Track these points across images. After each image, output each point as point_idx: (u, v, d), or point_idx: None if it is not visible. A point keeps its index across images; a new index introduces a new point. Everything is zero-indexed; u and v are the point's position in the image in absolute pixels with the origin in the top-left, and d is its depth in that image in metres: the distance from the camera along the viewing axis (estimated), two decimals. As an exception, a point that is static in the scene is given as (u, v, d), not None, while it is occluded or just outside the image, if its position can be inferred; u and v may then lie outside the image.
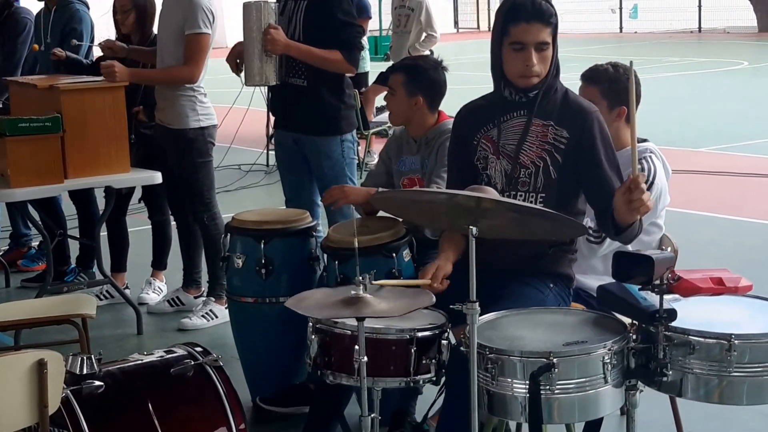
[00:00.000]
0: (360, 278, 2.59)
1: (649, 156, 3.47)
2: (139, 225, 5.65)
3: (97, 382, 2.70)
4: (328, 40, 4.25)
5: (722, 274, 2.59)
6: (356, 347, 2.62)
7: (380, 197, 2.92)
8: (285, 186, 4.63)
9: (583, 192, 3.09)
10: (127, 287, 5.33)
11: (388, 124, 9.04)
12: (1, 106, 5.45)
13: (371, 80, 9.65)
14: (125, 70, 4.69)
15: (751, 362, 2.47)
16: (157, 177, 4.85)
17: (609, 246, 3.33)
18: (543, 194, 3.04)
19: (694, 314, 2.59)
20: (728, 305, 2.72)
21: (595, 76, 3.50)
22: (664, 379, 2.52)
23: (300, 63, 4.31)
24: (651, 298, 2.54)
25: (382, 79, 9.05)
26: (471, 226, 2.49)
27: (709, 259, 5.60)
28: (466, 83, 3.15)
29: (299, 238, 3.83)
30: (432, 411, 3.15)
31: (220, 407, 2.80)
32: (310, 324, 2.82)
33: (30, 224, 5.57)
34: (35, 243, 6.09)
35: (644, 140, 3.56)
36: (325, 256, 3.65)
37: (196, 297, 5.17)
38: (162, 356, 2.94)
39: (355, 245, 2.82)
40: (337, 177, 4.34)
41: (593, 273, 3.42)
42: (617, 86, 3.46)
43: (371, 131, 8.85)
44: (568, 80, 3.03)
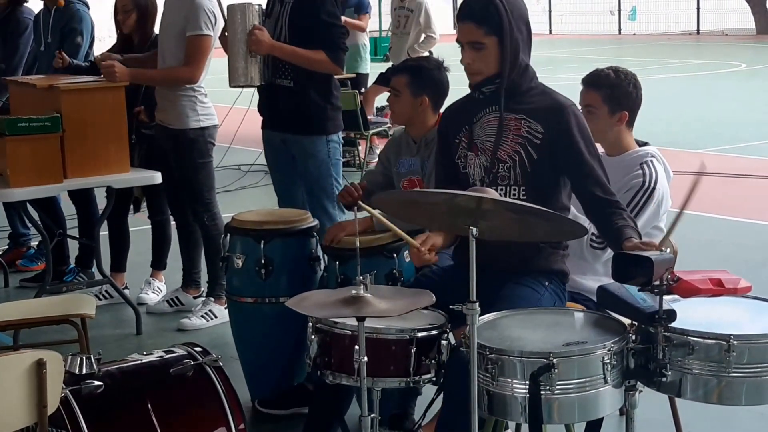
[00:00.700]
0: (361, 278, 2.60)
1: (651, 160, 3.46)
2: (138, 225, 5.65)
3: (97, 382, 2.69)
4: (313, 40, 4.28)
5: (721, 275, 2.59)
6: (356, 347, 2.62)
7: (381, 198, 2.92)
8: (276, 184, 4.66)
9: (569, 183, 3.09)
10: (127, 287, 5.33)
11: (388, 124, 9.05)
12: (1, 106, 5.45)
13: (371, 81, 9.67)
14: (125, 71, 4.69)
15: (750, 363, 2.48)
16: (156, 177, 4.85)
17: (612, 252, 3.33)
18: (524, 187, 3.05)
19: (693, 315, 2.60)
20: (727, 306, 2.72)
21: (596, 81, 3.50)
22: (664, 379, 2.52)
23: (286, 64, 4.34)
24: (650, 299, 2.55)
25: (382, 79, 9.07)
26: (471, 227, 2.49)
27: (708, 259, 5.61)
28: (464, 84, 3.16)
29: (299, 239, 3.84)
30: (431, 412, 3.15)
31: (219, 407, 2.80)
32: (310, 324, 2.82)
33: (29, 224, 5.58)
34: (34, 243, 6.09)
35: (645, 143, 3.56)
36: (326, 256, 3.65)
37: (195, 297, 5.17)
38: (161, 356, 2.93)
39: (357, 245, 2.82)
40: (322, 177, 4.37)
41: (592, 274, 3.42)
42: (618, 91, 3.46)
43: (371, 132, 8.85)
44: (566, 81, 3.03)
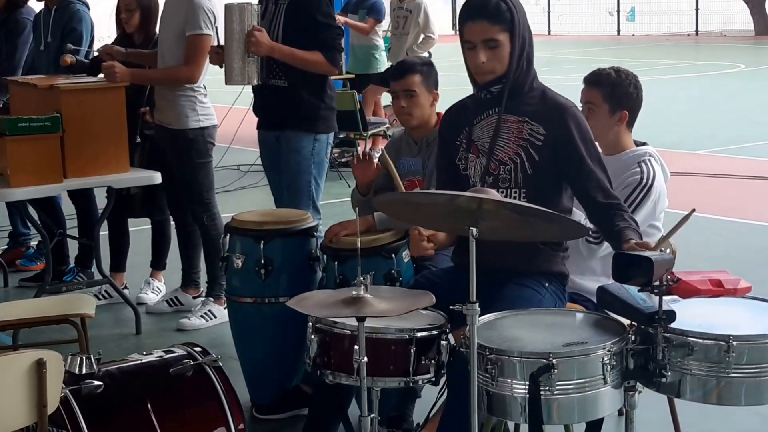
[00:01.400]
0: (361, 278, 2.60)
1: (648, 159, 3.48)
2: (138, 225, 5.65)
3: (96, 382, 2.69)
4: (308, 41, 4.29)
5: (721, 276, 2.60)
6: (356, 347, 2.62)
7: (381, 200, 2.93)
8: (272, 186, 4.64)
9: (570, 187, 3.10)
10: (126, 287, 5.34)
11: (387, 125, 9.05)
12: (1, 106, 5.45)
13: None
14: (126, 71, 4.70)
15: (750, 363, 2.48)
16: (156, 177, 4.85)
17: (608, 247, 3.33)
18: (525, 189, 3.05)
19: (692, 316, 2.60)
20: (727, 307, 2.73)
21: (597, 80, 3.51)
22: (663, 380, 2.53)
23: (279, 64, 4.35)
24: (650, 300, 2.55)
25: (380, 80, 9.07)
26: (471, 227, 2.50)
27: (707, 260, 5.61)
28: (465, 85, 3.16)
29: (299, 239, 3.83)
30: (431, 413, 3.15)
31: (219, 407, 2.80)
32: (310, 324, 2.82)
33: (29, 224, 5.57)
34: (34, 242, 6.09)
35: (643, 143, 3.57)
36: (324, 256, 3.65)
37: (194, 297, 5.17)
38: (161, 356, 2.93)
39: (358, 246, 2.82)
40: (301, 172, 4.37)
41: (591, 274, 3.43)
42: (619, 91, 3.47)
43: (370, 132, 8.85)
44: (565, 82, 3.05)
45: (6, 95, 5.36)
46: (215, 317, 4.92)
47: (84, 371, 2.72)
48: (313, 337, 2.81)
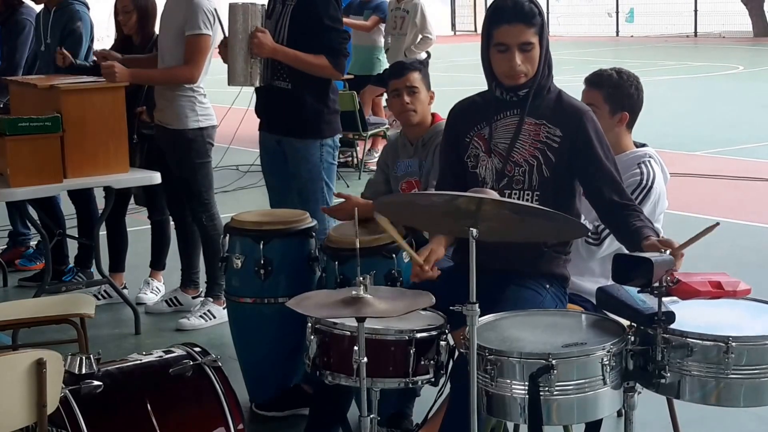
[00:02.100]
0: (360, 278, 2.60)
1: (648, 161, 3.48)
2: (137, 225, 5.65)
3: (96, 382, 2.70)
4: (314, 44, 4.27)
5: (721, 278, 2.61)
6: (356, 348, 2.63)
7: (380, 202, 2.92)
8: (270, 191, 4.61)
9: (583, 190, 3.10)
10: (125, 287, 5.34)
11: (386, 125, 9.05)
12: (1, 106, 5.45)
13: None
14: (125, 71, 4.69)
15: (749, 364, 2.49)
16: (156, 177, 4.85)
17: (608, 248, 3.34)
18: (539, 192, 3.05)
19: (692, 317, 2.60)
20: (726, 308, 2.73)
21: (598, 80, 3.51)
22: (662, 381, 2.53)
23: (284, 66, 4.32)
24: (650, 301, 2.56)
25: (377, 80, 9.07)
26: (471, 228, 2.50)
27: (706, 261, 5.59)
28: (463, 85, 3.17)
29: (298, 239, 3.84)
30: (431, 413, 3.15)
31: (218, 407, 2.80)
32: (309, 324, 2.82)
33: (29, 223, 5.57)
34: (33, 242, 6.09)
35: (643, 145, 3.57)
36: (324, 256, 3.66)
37: (194, 297, 5.17)
38: (161, 356, 2.94)
39: (357, 246, 2.82)
40: (313, 180, 4.36)
41: (590, 275, 3.43)
42: (620, 92, 3.47)
43: (369, 133, 8.85)
44: (563, 83, 3.05)
45: (6, 95, 5.36)
46: (214, 317, 4.92)
47: (84, 371, 2.72)
48: (312, 337, 2.81)
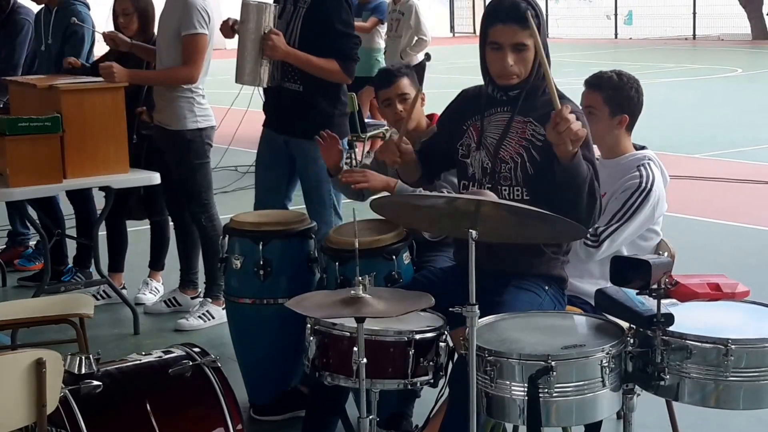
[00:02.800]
0: (359, 279, 2.60)
1: (648, 163, 3.47)
2: (137, 225, 5.65)
3: (96, 382, 2.70)
4: (325, 48, 4.26)
5: (719, 280, 2.62)
6: (355, 349, 2.63)
7: (377, 202, 2.93)
8: (258, 186, 4.57)
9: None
10: (124, 287, 5.34)
11: (385, 126, 9.05)
12: (1, 106, 5.45)
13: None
14: (124, 71, 4.70)
15: (748, 367, 2.49)
16: (155, 177, 4.85)
17: (606, 250, 3.34)
18: (526, 189, 3.05)
19: (691, 319, 2.61)
20: (725, 310, 2.74)
21: (598, 82, 3.51)
22: (662, 383, 2.54)
23: (295, 68, 4.32)
24: (649, 303, 2.56)
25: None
26: (471, 230, 2.50)
27: (705, 264, 5.62)
28: (462, 86, 3.17)
29: (298, 240, 3.84)
30: (431, 414, 3.15)
31: (217, 408, 2.80)
32: (309, 325, 2.83)
33: (28, 223, 5.57)
34: (33, 242, 6.09)
35: (643, 147, 3.57)
36: (325, 257, 3.66)
37: (192, 298, 5.17)
38: (160, 356, 2.94)
39: (356, 246, 2.83)
40: (321, 182, 4.34)
41: (589, 277, 3.43)
42: (620, 94, 3.47)
43: (368, 135, 8.85)
44: (562, 85, 3.04)
45: (6, 95, 5.36)
46: (213, 318, 4.92)
47: (83, 371, 2.72)
48: (311, 338, 2.81)
